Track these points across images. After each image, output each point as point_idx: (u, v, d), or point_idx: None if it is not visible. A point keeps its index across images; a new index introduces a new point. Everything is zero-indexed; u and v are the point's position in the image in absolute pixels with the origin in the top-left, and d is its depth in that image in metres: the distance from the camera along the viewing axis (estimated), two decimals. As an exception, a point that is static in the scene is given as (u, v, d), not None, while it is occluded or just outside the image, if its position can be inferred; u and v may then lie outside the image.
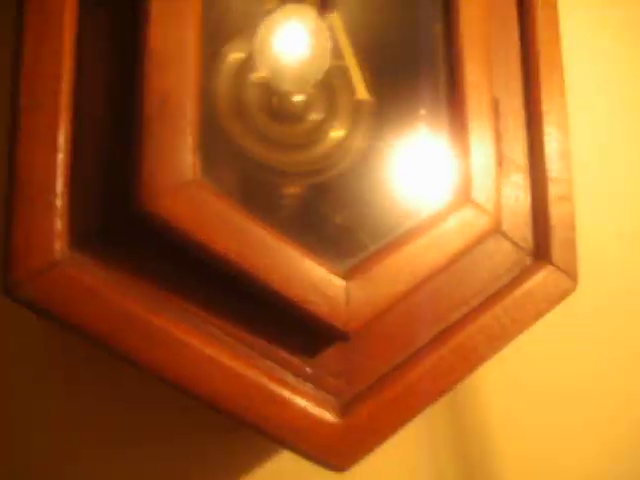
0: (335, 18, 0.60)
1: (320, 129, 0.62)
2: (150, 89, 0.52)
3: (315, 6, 0.63)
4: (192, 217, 0.52)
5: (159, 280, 0.54)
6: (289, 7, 0.63)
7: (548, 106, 0.66)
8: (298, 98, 0.60)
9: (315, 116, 0.63)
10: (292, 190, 0.60)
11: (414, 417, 0.59)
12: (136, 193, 0.51)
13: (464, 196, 0.61)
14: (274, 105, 0.62)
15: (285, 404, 0.55)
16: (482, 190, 0.62)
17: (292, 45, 0.62)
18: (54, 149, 0.53)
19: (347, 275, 0.56)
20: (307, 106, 0.61)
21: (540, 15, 0.69)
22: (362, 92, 0.59)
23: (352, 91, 0.60)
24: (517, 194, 0.65)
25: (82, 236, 0.53)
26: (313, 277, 0.55)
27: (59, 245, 0.52)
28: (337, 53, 0.60)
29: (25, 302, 0.52)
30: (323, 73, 0.61)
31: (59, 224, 0.53)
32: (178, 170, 0.52)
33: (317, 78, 0.61)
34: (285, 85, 0.61)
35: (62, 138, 0.53)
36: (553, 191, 0.65)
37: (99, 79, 0.55)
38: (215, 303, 0.55)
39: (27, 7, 0.54)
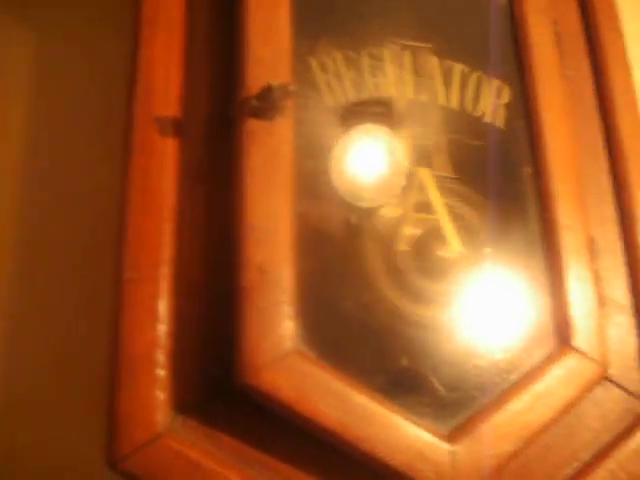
0: (425, 173, 0.61)
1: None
2: (248, 261, 0.53)
3: (389, 126, 0.64)
4: (293, 389, 0.51)
5: (262, 451, 0.54)
6: (364, 127, 0.64)
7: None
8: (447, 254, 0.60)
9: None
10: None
11: None
12: (237, 366, 0.51)
13: (566, 344, 0.59)
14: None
15: None
16: (585, 336, 0.59)
17: (368, 163, 0.63)
18: (155, 320, 0.54)
19: (452, 438, 0.54)
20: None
21: (627, 145, 0.68)
22: (455, 245, 0.59)
23: (445, 245, 0.60)
24: (622, 336, 0.63)
25: (184, 407, 0.53)
26: (418, 443, 0.53)
27: (161, 417, 0.53)
28: (429, 208, 0.60)
29: (129, 476, 0.52)
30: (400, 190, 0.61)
31: (161, 396, 0.53)
32: (278, 341, 0.52)
33: (395, 195, 0.61)
34: (363, 202, 0.61)
35: (163, 309, 0.55)
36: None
37: (197, 250, 0.57)
38: (321, 473, 0.54)
39: (130, 183, 0.57)
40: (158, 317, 0.54)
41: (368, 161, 0.63)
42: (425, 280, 0.60)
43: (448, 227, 0.59)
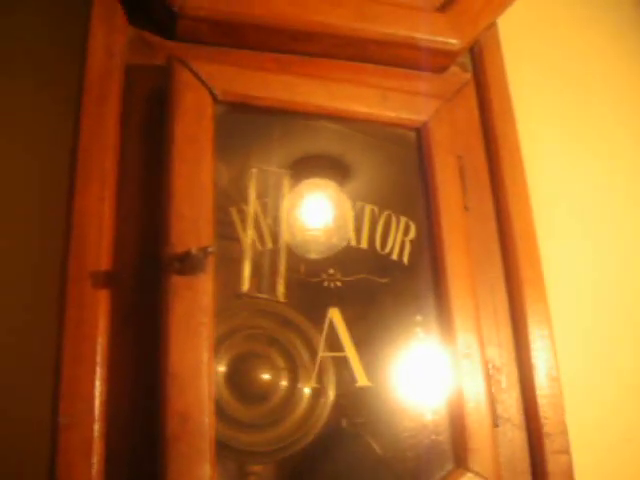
0: (335, 312, 0.67)
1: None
2: (171, 409, 0.59)
3: (335, 179, 0.70)
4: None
5: None
6: (311, 181, 0.69)
7: (538, 361, 0.72)
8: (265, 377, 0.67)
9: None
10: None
11: None
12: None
13: (463, 465, 0.66)
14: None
15: None
16: (480, 457, 0.66)
17: (317, 216, 0.68)
18: (89, 464, 0.60)
19: None
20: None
21: (524, 275, 0.75)
22: (362, 379, 0.66)
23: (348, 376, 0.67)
24: (514, 451, 0.70)
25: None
26: None
27: None
28: (337, 345, 0.67)
29: None
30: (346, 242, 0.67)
31: None
32: (198, 485, 0.58)
33: (342, 245, 0.68)
34: (312, 254, 0.67)
35: (97, 450, 0.60)
36: (549, 446, 0.69)
37: (128, 392, 0.63)
38: None
39: (64, 333, 0.62)
40: (91, 461, 0.60)
41: (316, 213, 0.68)
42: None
43: (355, 362, 0.66)
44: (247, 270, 0.67)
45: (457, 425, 0.67)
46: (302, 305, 0.68)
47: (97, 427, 0.60)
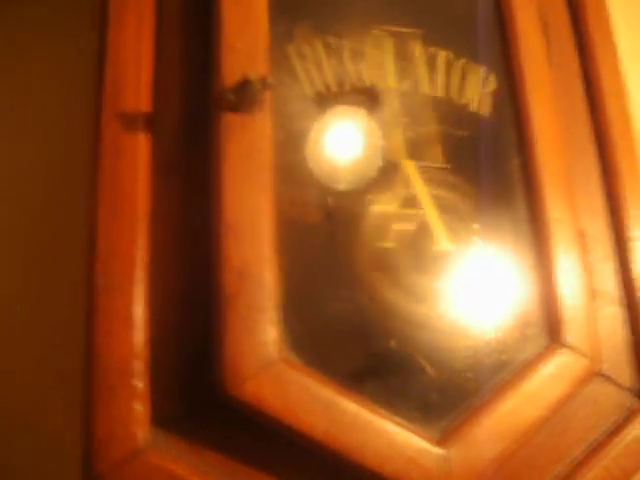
0: (410, 165, 0.58)
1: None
2: (227, 263, 0.51)
3: (364, 106, 0.61)
4: (278, 398, 0.49)
5: (248, 463, 0.51)
6: (339, 109, 0.62)
7: (636, 232, 0.63)
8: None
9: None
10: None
11: None
12: (219, 376, 0.49)
13: (557, 340, 0.57)
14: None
15: None
16: (576, 331, 0.58)
17: (344, 145, 0.61)
18: (131, 329, 0.51)
19: (443, 442, 0.52)
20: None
21: (615, 134, 0.66)
22: (443, 239, 0.57)
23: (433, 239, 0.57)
24: (613, 329, 0.61)
25: (165, 421, 0.51)
26: (408, 449, 0.51)
27: (141, 431, 0.50)
28: (415, 202, 0.58)
29: (108, 495, 0.50)
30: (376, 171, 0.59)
31: (140, 409, 0.50)
32: (261, 349, 0.50)
33: (370, 176, 0.59)
34: (340, 185, 0.59)
35: (139, 317, 0.52)
36: (652, 322, 0.61)
37: (173, 252, 0.54)
38: (307, 483, 0.52)
39: (100, 184, 0.53)
40: (134, 326, 0.51)
41: (344, 143, 0.61)
42: (415, 276, 0.58)
43: (435, 221, 0.57)
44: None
45: (549, 297, 0.58)
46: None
47: (139, 289, 0.52)
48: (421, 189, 0.57)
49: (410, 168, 0.58)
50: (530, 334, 0.58)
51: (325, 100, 0.61)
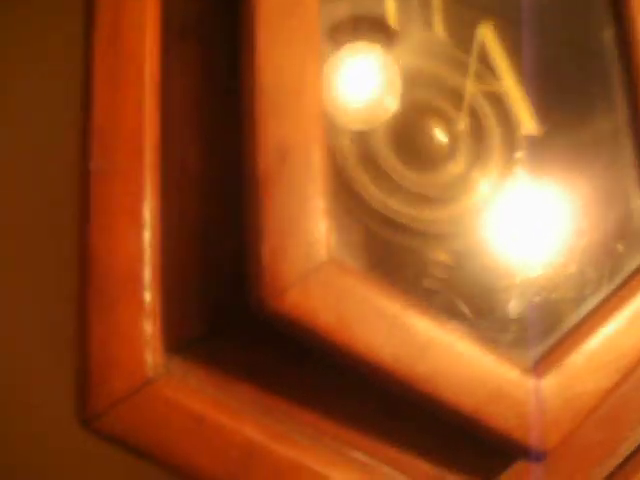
0: (487, 27, 0.46)
1: (467, 178, 0.49)
2: (263, 141, 0.39)
3: (381, 42, 0.52)
4: (331, 311, 0.38)
5: (285, 397, 0.40)
6: (354, 45, 0.53)
7: None
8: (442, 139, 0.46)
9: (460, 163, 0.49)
10: (436, 259, 0.46)
11: None
12: (253, 285, 0.37)
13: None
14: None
15: None
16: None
17: (359, 83, 0.53)
18: (138, 226, 0.40)
19: (537, 371, 0.41)
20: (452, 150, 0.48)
21: None
22: (528, 125, 0.45)
23: (511, 124, 0.46)
24: None
25: (181, 343, 0.40)
26: (495, 379, 0.40)
27: (150, 356, 0.39)
28: (489, 75, 0.46)
29: (108, 437, 0.39)
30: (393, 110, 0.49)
31: (149, 328, 0.39)
32: (308, 248, 0.38)
33: (387, 116, 0.50)
34: (354, 125, 0.50)
35: (148, 210, 0.40)
36: None
37: (191, 129, 0.42)
38: (362, 420, 0.41)
39: (96, 44, 0.42)
40: (141, 222, 0.39)
41: (359, 81, 0.52)
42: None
43: (518, 99, 0.45)
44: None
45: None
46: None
47: (148, 175, 0.40)
48: (500, 56, 0.45)
49: (487, 32, 0.46)
50: (628, 243, 0.47)
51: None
